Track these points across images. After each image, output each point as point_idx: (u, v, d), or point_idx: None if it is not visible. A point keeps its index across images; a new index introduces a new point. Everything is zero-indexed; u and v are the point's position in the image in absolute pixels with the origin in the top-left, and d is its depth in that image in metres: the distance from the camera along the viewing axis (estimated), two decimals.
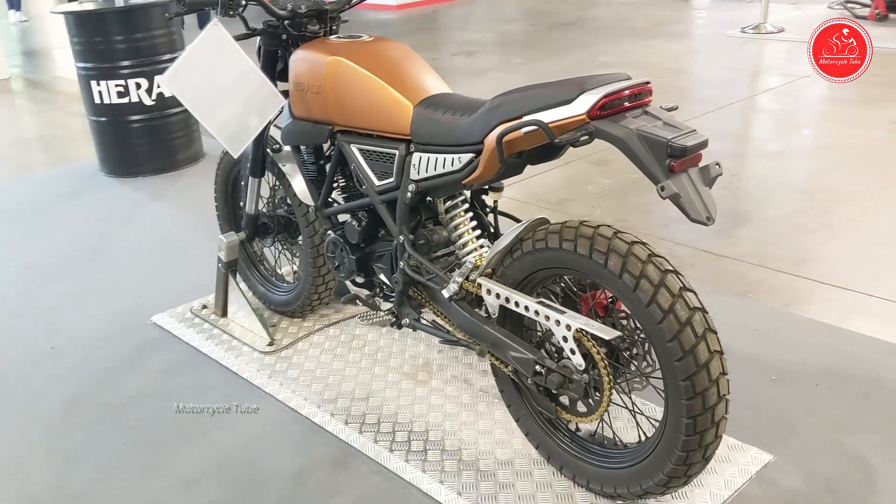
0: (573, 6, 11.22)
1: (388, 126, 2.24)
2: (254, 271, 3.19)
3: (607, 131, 1.73)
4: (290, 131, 2.53)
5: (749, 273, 3.33)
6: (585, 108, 1.75)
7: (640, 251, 1.82)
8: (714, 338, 1.80)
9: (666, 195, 1.68)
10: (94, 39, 4.71)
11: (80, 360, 2.94)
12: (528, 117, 1.85)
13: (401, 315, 2.40)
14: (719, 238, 3.65)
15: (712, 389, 1.78)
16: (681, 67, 7.14)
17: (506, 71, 7.44)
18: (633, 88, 1.79)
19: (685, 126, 1.75)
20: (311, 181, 2.61)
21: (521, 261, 2.02)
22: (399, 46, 2.39)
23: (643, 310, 1.80)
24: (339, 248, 2.51)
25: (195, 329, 3.06)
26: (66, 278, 3.62)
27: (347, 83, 2.28)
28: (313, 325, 3.04)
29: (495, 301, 2.07)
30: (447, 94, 2.26)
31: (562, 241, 1.91)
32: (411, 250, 2.25)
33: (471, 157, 2.04)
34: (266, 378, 2.72)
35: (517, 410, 2.24)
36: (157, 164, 4.98)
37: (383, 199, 2.33)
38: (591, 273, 1.88)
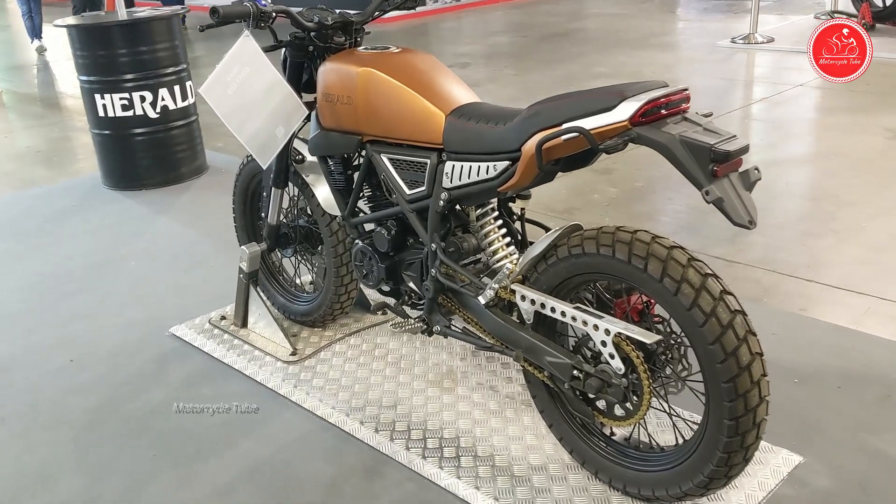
0: (561, 18, 11.33)
1: (420, 135, 2.26)
2: (273, 282, 3.19)
3: (650, 137, 1.77)
4: (318, 142, 2.54)
5: (762, 278, 3.38)
6: (628, 114, 1.79)
7: (679, 255, 1.86)
8: (755, 340, 1.83)
9: (710, 199, 1.72)
10: (98, 53, 4.71)
11: (100, 373, 2.93)
12: (568, 124, 1.88)
13: (431, 322, 2.42)
14: (729, 245, 3.70)
15: (754, 391, 1.82)
16: (675, 78, 7.22)
17: (500, 83, 7.50)
18: (673, 95, 1.82)
19: (725, 131, 1.79)
20: (338, 191, 2.63)
21: (556, 267, 2.05)
22: (427, 57, 2.42)
23: (684, 313, 1.83)
24: (368, 256, 2.52)
25: (215, 340, 3.06)
26: (79, 292, 3.60)
27: (379, 93, 2.30)
28: (334, 334, 3.05)
29: (530, 307, 2.10)
30: (478, 103, 2.29)
31: (599, 246, 1.94)
32: (444, 258, 2.28)
33: (507, 164, 2.06)
34: (292, 387, 2.73)
35: (550, 416, 2.26)
36: (161, 178, 4.98)
37: (414, 207, 2.35)
38: (630, 278, 1.91)
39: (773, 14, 10.14)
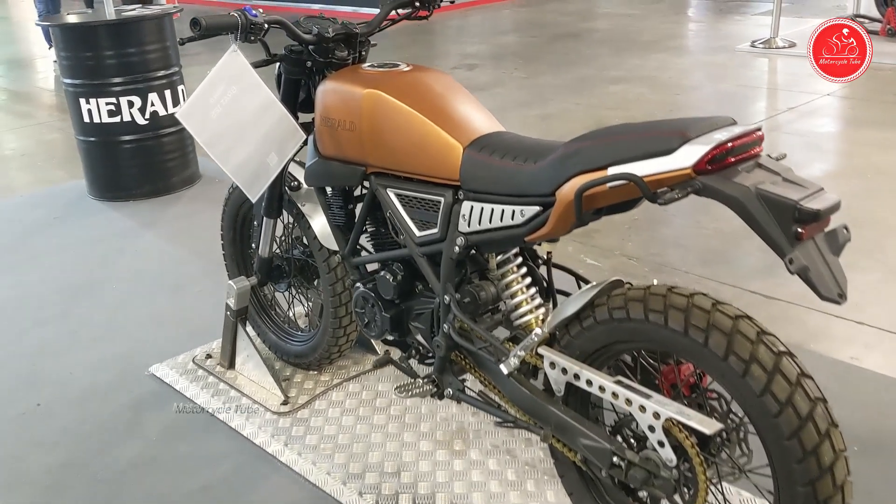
0: (571, 17, 10.97)
1: (433, 170, 1.94)
2: (265, 317, 2.87)
3: (720, 189, 1.45)
4: (315, 171, 2.22)
5: (806, 319, 3.06)
6: (691, 160, 1.47)
7: (747, 328, 1.54)
8: (838, 434, 1.52)
9: (795, 270, 1.40)
10: (83, 54, 4.38)
11: (68, 421, 2.61)
12: (615, 169, 1.56)
13: (442, 384, 2.10)
14: (766, 277, 3.38)
15: (836, 497, 1.50)
16: (693, 84, 6.89)
17: (509, 86, 7.17)
18: (745, 137, 1.50)
19: (810, 183, 1.46)
20: (337, 227, 2.31)
21: (594, 331, 1.73)
22: (442, 77, 2.09)
23: (754, 399, 1.51)
24: (370, 303, 2.20)
25: (199, 383, 2.74)
26: (52, 320, 3.28)
27: (386, 120, 1.98)
28: (331, 379, 2.73)
29: (561, 377, 1.78)
30: (501, 132, 1.97)
31: (647, 311, 1.62)
32: (458, 312, 1.95)
33: (537, 210, 1.74)
34: (282, 445, 2.41)
35: (580, 500, 1.94)
36: (150, 188, 4.65)
37: (424, 251, 2.03)
38: (685, 352, 1.59)
39: (791, 17, 9.77)
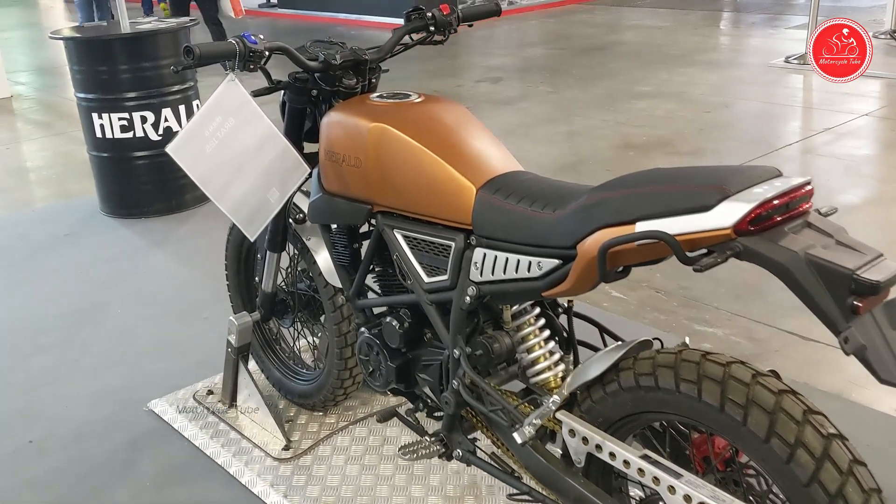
0: (600, 29, 10.78)
1: (444, 212, 1.78)
2: (269, 353, 2.73)
3: (764, 255, 1.28)
4: (319, 208, 2.07)
5: (846, 365, 2.85)
6: (731, 220, 1.30)
7: (791, 406, 1.36)
8: None
9: (850, 350, 1.22)
10: (96, 68, 4.28)
11: (62, 460, 2.49)
12: (643, 225, 1.39)
13: (451, 443, 1.93)
14: (802, 314, 3.14)
15: None
16: (725, 101, 6.67)
17: (534, 100, 6.99)
18: (792, 193, 1.33)
19: (867, 247, 1.29)
20: (341, 266, 2.16)
21: (618, 398, 1.56)
22: (456, 109, 1.93)
23: (799, 489, 1.33)
24: (375, 350, 2.04)
25: (198, 422, 2.60)
26: (53, 347, 3.16)
27: (393, 157, 1.82)
28: (336, 421, 2.57)
29: (581, 447, 1.61)
30: (518, 172, 1.80)
31: (679, 380, 1.45)
32: (469, 369, 1.79)
33: (556, 263, 1.58)
34: (282, 496, 2.25)
35: None
36: (163, 205, 4.54)
37: (433, 298, 1.87)
38: (721, 429, 1.42)
39: None
